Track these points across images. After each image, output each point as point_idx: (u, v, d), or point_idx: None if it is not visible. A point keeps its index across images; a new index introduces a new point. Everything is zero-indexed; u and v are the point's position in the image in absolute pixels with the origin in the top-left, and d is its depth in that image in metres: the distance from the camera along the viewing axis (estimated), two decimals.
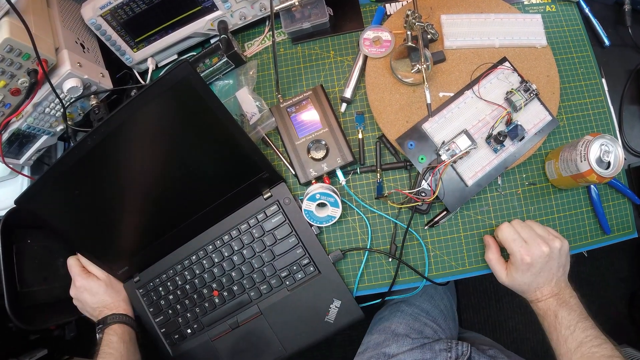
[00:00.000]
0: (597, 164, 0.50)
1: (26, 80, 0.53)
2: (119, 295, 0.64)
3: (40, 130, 0.62)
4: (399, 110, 0.60)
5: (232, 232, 0.61)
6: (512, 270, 0.51)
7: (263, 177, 0.58)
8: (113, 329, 0.58)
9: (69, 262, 0.63)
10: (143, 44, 0.64)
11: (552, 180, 0.59)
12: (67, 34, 0.59)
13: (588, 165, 0.50)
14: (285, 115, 0.61)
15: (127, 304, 0.64)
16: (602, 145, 0.50)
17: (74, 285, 0.62)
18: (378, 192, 0.60)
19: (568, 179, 0.55)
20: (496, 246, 0.55)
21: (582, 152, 0.51)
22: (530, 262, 0.49)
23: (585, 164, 0.50)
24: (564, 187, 0.59)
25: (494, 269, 0.54)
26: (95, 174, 0.54)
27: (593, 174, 0.50)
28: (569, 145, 0.54)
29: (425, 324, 0.66)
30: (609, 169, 0.51)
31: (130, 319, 0.62)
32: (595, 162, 0.50)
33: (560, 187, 0.59)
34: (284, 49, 0.68)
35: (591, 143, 0.50)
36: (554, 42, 0.63)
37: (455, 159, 0.55)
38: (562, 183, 0.58)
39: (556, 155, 0.57)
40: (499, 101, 0.58)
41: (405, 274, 0.60)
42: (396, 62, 0.60)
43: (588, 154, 0.50)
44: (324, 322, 0.58)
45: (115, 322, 0.59)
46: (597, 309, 1.24)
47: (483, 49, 0.61)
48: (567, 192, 0.60)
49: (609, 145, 0.51)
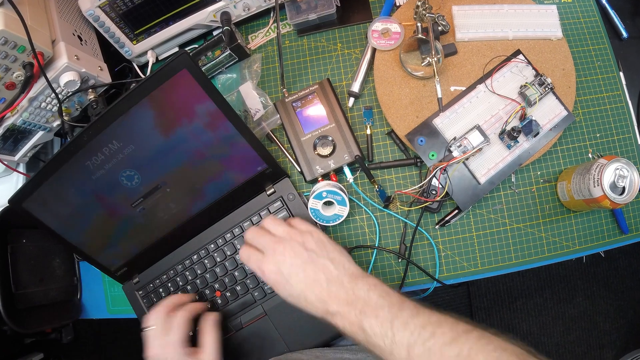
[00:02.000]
0: (611, 190, 0.49)
1: (21, 74, 0.52)
2: None
3: (36, 126, 0.61)
4: (408, 104, 0.59)
5: (234, 229, 0.60)
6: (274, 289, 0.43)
7: (266, 172, 0.57)
8: None
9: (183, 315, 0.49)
10: (143, 36, 0.63)
11: (564, 202, 0.58)
12: (64, 26, 0.58)
13: (601, 190, 0.49)
14: (291, 110, 0.60)
15: None
16: (616, 170, 0.49)
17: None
18: (382, 198, 0.58)
19: (580, 203, 0.54)
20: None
21: (595, 176, 0.49)
22: (269, 274, 0.41)
23: (598, 190, 0.49)
24: (577, 210, 0.58)
25: None
26: (93, 171, 0.53)
27: (607, 199, 0.49)
28: (582, 168, 0.53)
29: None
30: (624, 194, 0.49)
31: None
32: (609, 187, 0.49)
33: (572, 209, 0.58)
34: (289, 42, 0.67)
35: (605, 167, 0.49)
36: (570, 34, 0.62)
37: (468, 155, 0.54)
38: (575, 206, 0.56)
39: (568, 176, 0.55)
40: (512, 95, 0.57)
41: (415, 274, 0.59)
42: (406, 54, 0.59)
43: (602, 178, 0.49)
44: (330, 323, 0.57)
45: None
46: (614, 311, 1.23)
47: (496, 42, 0.60)
48: None
49: (624, 169, 0.49)
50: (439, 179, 0.55)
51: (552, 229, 0.59)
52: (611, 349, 1.22)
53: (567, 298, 1.06)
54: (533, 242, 0.58)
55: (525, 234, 0.58)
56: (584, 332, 0.45)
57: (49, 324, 0.64)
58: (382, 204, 0.59)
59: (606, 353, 1.22)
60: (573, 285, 1.23)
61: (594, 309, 1.20)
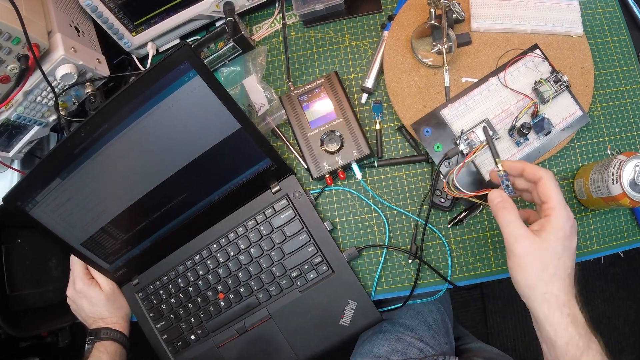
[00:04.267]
0: (630, 187, 0.48)
1: (16, 67, 0.51)
2: (120, 311, 0.62)
3: (31, 121, 0.61)
4: (417, 93, 0.58)
5: (238, 229, 0.59)
6: (543, 237, 0.38)
7: (271, 169, 0.57)
8: (104, 345, 0.56)
9: (73, 259, 0.61)
10: (143, 27, 0.62)
11: (582, 200, 0.57)
12: (61, 16, 0.57)
13: (621, 188, 0.48)
14: (297, 104, 0.59)
15: (126, 322, 0.62)
16: (636, 166, 0.48)
17: (73, 287, 0.60)
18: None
19: (599, 201, 0.53)
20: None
21: (614, 173, 0.48)
22: (571, 229, 0.38)
23: (617, 187, 0.48)
24: (595, 208, 0.57)
25: (512, 233, 0.39)
26: (90, 168, 0.52)
27: (626, 197, 0.48)
28: (600, 164, 0.52)
29: (409, 344, 0.63)
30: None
31: (126, 338, 0.60)
32: (629, 184, 0.48)
33: (590, 208, 0.57)
34: (296, 33, 0.66)
35: (625, 164, 0.48)
36: (588, 24, 0.61)
37: (476, 152, 0.53)
38: (593, 204, 0.56)
39: (586, 173, 0.54)
40: (525, 91, 0.56)
41: (427, 276, 0.58)
42: (417, 41, 0.59)
43: (621, 175, 0.47)
44: (338, 326, 0.57)
45: (109, 338, 0.57)
46: (634, 314, 1.21)
47: (513, 34, 0.59)
48: None
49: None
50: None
51: None
52: (631, 353, 1.21)
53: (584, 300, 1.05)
54: None
55: None
56: (603, 336, 0.44)
57: (45, 327, 0.63)
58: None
59: (625, 357, 1.21)
60: (591, 286, 1.22)
61: (612, 312, 1.19)
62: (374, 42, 0.63)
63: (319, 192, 0.60)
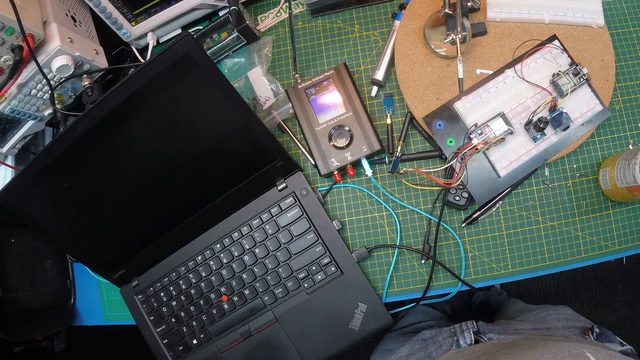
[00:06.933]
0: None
1: (10, 58, 0.50)
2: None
3: (26, 115, 0.60)
4: (429, 85, 0.57)
5: (242, 228, 0.59)
6: None
7: (277, 165, 0.56)
8: None
9: None
10: (142, 16, 0.62)
11: (606, 191, 0.57)
12: (57, 6, 0.56)
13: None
14: (304, 97, 0.58)
15: None
16: None
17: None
18: (393, 167, 0.57)
19: (623, 191, 0.52)
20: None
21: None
22: None
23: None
24: (619, 199, 0.56)
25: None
26: (88, 164, 0.52)
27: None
28: (628, 152, 0.51)
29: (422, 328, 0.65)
30: None
31: None
32: None
33: (614, 199, 0.57)
34: (303, 23, 0.65)
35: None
36: (609, 15, 0.61)
37: (488, 145, 0.53)
38: (617, 195, 0.55)
39: (612, 162, 0.54)
40: (543, 84, 0.55)
41: (440, 277, 0.58)
42: (430, 30, 0.58)
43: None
44: (347, 329, 0.56)
45: None
46: None
47: (531, 24, 0.58)
48: None
49: None
50: (455, 165, 0.54)
51: (589, 227, 0.57)
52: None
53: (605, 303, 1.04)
54: (569, 242, 0.57)
55: (560, 233, 0.57)
56: (624, 340, 0.44)
57: (40, 331, 0.63)
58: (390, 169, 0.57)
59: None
60: (612, 288, 1.21)
61: (635, 315, 1.18)
62: (384, 32, 0.62)
63: (327, 189, 0.60)
